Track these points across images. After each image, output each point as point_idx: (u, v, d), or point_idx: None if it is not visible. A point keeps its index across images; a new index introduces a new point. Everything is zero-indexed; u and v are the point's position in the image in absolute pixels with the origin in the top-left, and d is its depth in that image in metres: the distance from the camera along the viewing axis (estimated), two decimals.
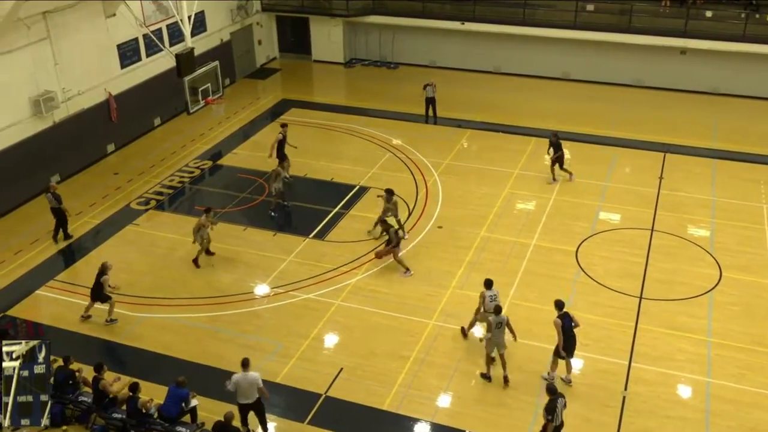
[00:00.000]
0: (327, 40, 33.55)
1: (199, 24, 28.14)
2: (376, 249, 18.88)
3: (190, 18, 23.12)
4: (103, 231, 20.60)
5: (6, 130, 21.08)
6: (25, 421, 12.52)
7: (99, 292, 16.45)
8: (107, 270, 16.45)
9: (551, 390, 12.63)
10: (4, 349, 12.52)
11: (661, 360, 15.47)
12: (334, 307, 17.25)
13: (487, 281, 15.65)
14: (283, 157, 22.69)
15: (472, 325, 16.04)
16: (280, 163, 21.43)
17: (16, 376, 12.45)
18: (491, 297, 15.39)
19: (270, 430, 13.78)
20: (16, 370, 12.44)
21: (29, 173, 21.79)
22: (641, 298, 17.41)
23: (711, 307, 17.11)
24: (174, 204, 22.30)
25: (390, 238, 18.31)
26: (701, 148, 24.98)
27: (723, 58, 28.43)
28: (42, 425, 12.80)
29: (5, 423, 12.46)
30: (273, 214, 21.07)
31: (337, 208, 21.49)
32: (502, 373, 14.76)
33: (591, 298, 17.39)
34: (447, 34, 31.82)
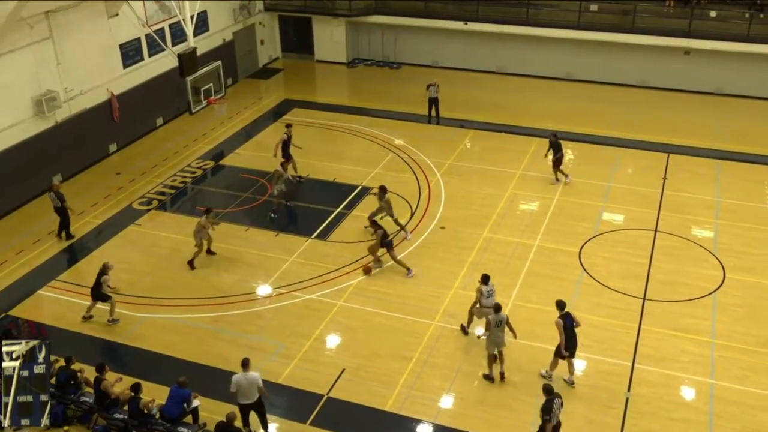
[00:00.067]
0: (330, 40, 33.52)
1: (201, 24, 28.13)
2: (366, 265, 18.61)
3: (192, 18, 23.07)
4: (105, 231, 20.59)
5: (8, 130, 21.09)
6: (25, 421, 12.51)
7: (99, 292, 16.45)
8: (108, 270, 16.46)
9: (548, 390, 12.67)
10: (5, 349, 12.51)
11: (665, 361, 15.42)
12: (337, 308, 17.22)
13: (484, 276, 15.70)
14: (288, 157, 22.70)
15: (470, 320, 16.04)
16: (283, 164, 21.36)
17: (16, 376, 12.44)
18: (488, 292, 15.44)
19: (272, 430, 13.76)
20: (16, 370, 12.42)
21: (31, 173, 21.79)
22: (644, 299, 17.35)
23: (715, 309, 17.04)
24: (176, 204, 22.28)
25: (377, 239, 18.19)
26: (705, 149, 24.89)
27: (727, 59, 28.33)
28: (42, 425, 12.77)
29: (5, 423, 12.44)
30: (273, 216, 21.02)
31: (339, 209, 21.45)
32: (499, 369, 14.80)
33: (594, 299, 17.34)
34: (450, 34, 31.76)
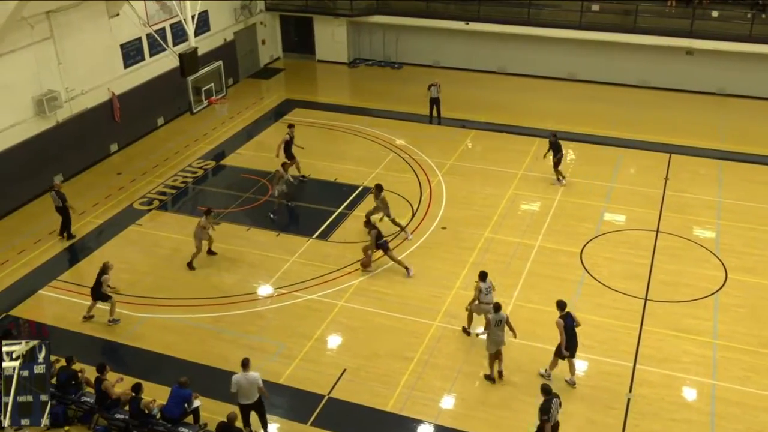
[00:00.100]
0: (331, 39, 33.49)
1: (202, 23, 28.11)
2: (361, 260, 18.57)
3: (193, 17, 23.06)
4: (106, 231, 20.57)
5: (9, 130, 21.08)
6: (25, 421, 12.49)
7: (99, 291, 16.43)
8: (108, 269, 16.45)
9: (546, 390, 12.66)
10: (5, 349, 12.49)
11: (666, 362, 15.38)
12: (338, 308, 17.19)
13: (482, 273, 15.72)
14: (291, 157, 22.70)
15: (470, 319, 16.03)
16: (284, 165, 21.31)
17: (16, 376, 12.42)
18: (487, 289, 15.46)
19: (273, 431, 13.73)
20: (16, 370, 12.41)
21: (32, 173, 21.78)
22: (646, 299, 17.31)
23: (716, 309, 17.00)
24: (177, 204, 22.26)
25: (371, 239, 18.15)
26: (707, 149, 24.84)
27: (729, 59, 28.28)
28: (42, 425, 12.75)
29: (5, 423, 12.43)
30: (272, 217, 20.96)
31: (340, 209, 21.42)
32: (497, 368, 14.80)
33: (595, 299, 17.31)
34: (451, 34, 31.73)
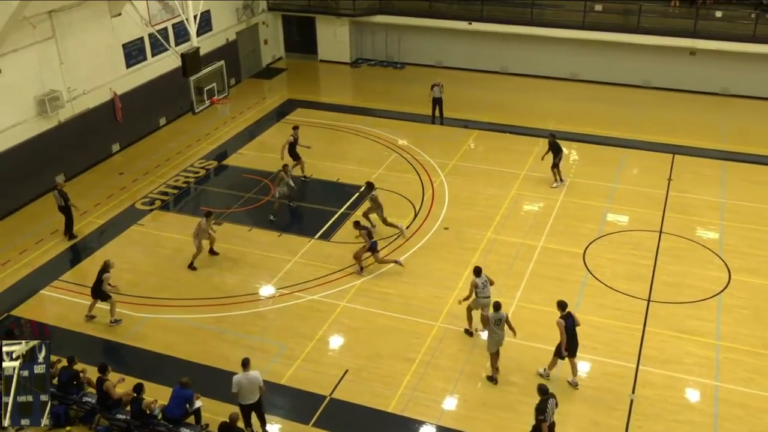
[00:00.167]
0: (333, 39, 33.46)
1: (204, 23, 28.07)
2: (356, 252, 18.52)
3: (195, 17, 23.03)
4: (107, 231, 20.56)
5: (11, 130, 21.07)
6: (25, 421, 12.46)
7: (99, 290, 16.40)
8: (109, 268, 16.43)
9: (543, 390, 12.64)
10: (5, 349, 12.47)
11: (669, 363, 15.33)
12: (340, 309, 17.16)
13: (476, 269, 15.75)
14: (296, 158, 22.69)
15: (470, 318, 16.00)
16: (284, 167, 21.20)
17: (16, 376, 12.40)
18: (483, 283, 15.50)
19: (274, 431, 13.69)
20: (16, 370, 12.38)
21: (34, 173, 21.76)
22: (649, 300, 17.26)
23: (720, 310, 16.94)
24: (179, 204, 22.24)
25: (365, 239, 18.13)
26: (710, 150, 24.77)
27: (733, 59, 28.19)
28: (42, 425, 12.72)
29: (5, 423, 12.40)
30: (272, 218, 20.92)
31: (342, 209, 21.39)
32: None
33: (598, 300, 17.26)
34: (454, 34, 31.68)
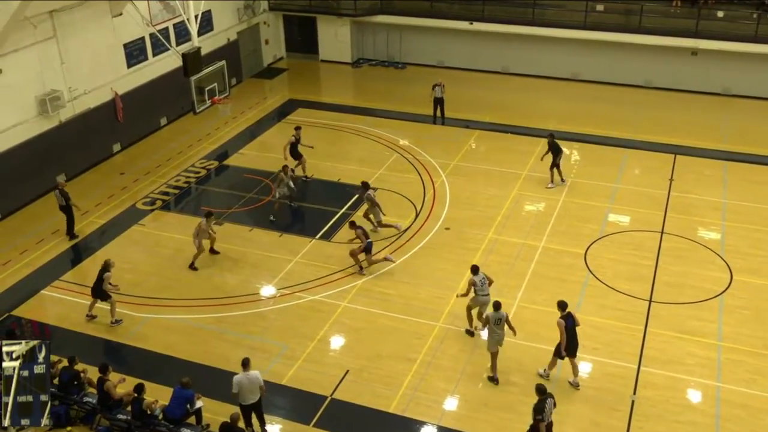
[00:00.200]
0: (334, 39, 33.44)
1: (205, 23, 28.06)
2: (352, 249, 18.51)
3: (196, 17, 23.04)
4: (108, 231, 20.55)
5: (12, 129, 21.07)
6: (25, 421, 12.45)
7: (99, 289, 16.39)
8: (110, 267, 16.42)
9: (540, 390, 12.66)
10: (5, 349, 12.46)
11: (671, 364, 15.31)
12: (341, 309, 17.15)
13: (474, 267, 15.80)
14: (298, 157, 22.70)
15: (470, 318, 16.00)
16: (284, 168, 21.15)
17: (16, 376, 12.39)
18: (481, 281, 15.53)
19: (275, 431, 13.73)
20: (16, 370, 12.38)
21: (35, 172, 21.76)
22: (651, 301, 17.23)
23: (721, 311, 16.91)
24: (180, 204, 22.23)
25: (361, 238, 18.11)
26: (712, 150, 24.74)
27: (734, 59, 28.16)
28: (42, 425, 12.71)
29: (5, 423, 12.40)
30: (273, 219, 20.89)
31: (343, 209, 21.37)
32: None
33: (600, 300, 17.24)
34: (455, 34, 31.66)
